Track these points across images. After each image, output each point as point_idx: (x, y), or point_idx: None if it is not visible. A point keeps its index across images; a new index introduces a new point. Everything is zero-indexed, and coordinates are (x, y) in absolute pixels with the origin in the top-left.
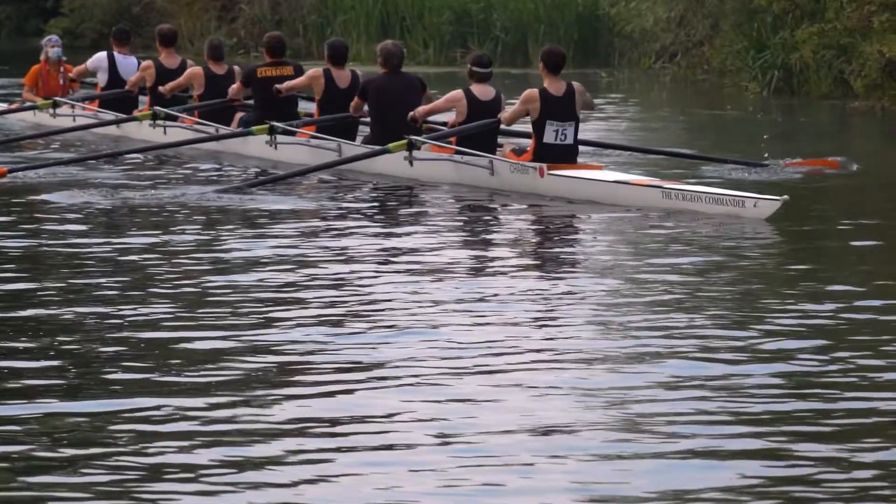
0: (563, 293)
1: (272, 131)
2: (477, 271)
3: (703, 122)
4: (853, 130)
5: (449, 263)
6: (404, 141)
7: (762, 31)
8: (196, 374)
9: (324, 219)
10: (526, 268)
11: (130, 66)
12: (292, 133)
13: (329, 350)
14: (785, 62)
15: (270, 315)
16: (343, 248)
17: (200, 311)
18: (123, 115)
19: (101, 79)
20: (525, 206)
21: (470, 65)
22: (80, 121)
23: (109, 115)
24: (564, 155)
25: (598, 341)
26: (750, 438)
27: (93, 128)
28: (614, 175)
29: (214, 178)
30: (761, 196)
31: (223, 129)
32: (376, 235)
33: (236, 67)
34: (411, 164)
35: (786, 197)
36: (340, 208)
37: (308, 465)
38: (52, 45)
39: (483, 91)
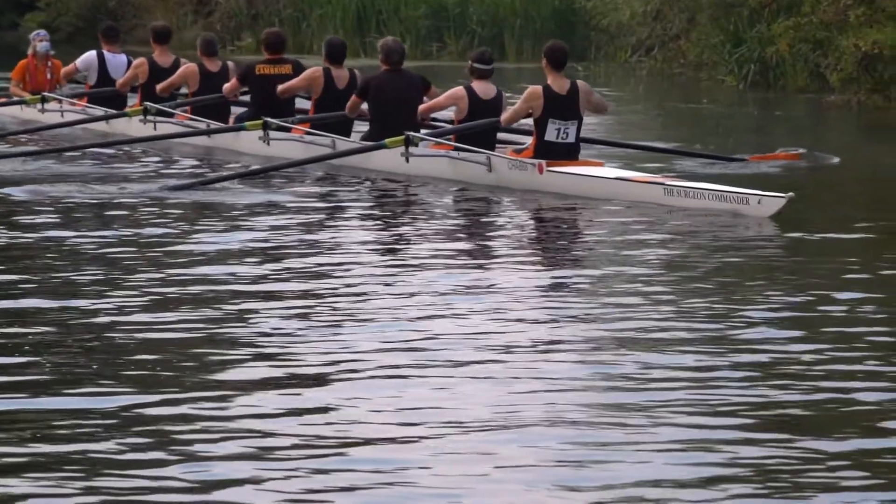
0: (554, 287)
1: (266, 127)
2: (468, 266)
3: (679, 115)
4: (829, 124)
5: (438, 257)
6: (402, 137)
7: (738, 25)
8: (171, 368)
9: (312, 213)
10: (518, 263)
11: (120, 64)
12: (286, 129)
13: (311, 343)
14: (761, 56)
15: (246, 307)
16: (329, 243)
17: (196, 304)
18: (113, 111)
19: (91, 77)
20: (523, 202)
21: (471, 61)
22: (69, 116)
23: (99, 111)
24: (565, 154)
25: (591, 336)
26: (731, 430)
27: (81, 124)
28: (615, 172)
29: (199, 174)
30: (766, 193)
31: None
32: (365, 230)
33: (230, 63)
34: (407, 160)
35: (791, 194)
36: (332, 203)
37: (277, 461)
38: (39, 40)
39: (484, 89)
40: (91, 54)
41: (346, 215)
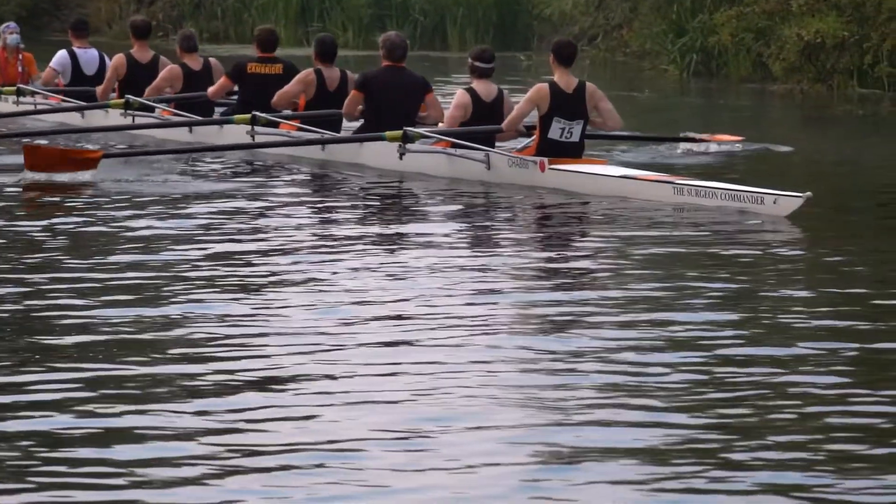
0: (556, 288)
1: (254, 121)
2: (463, 267)
3: (620, 105)
4: (773, 113)
5: (430, 255)
6: (400, 131)
7: (681, 15)
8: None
9: (297, 210)
10: (517, 262)
11: (91, 59)
12: (275, 125)
13: (309, 342)
14: (704, 45)
15: (240, 304)
16: (312, 242)
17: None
18: (93, 103)
19: (65, 76)
20: (523, 200)
21: (471, 59)
22: (45, 109)
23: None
24: (569, 153)
25: (591, 342)
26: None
27: (57, 112)
28: (621, 170)
29: (189, 169)
30: (782, 193)
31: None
32: (353, 226)
33: (212, 60)
34: (401, 157)
35: (809, 193)
36: (320, 200)
37: (227, 458)
38: (10, 32)
39: (486, 89)
40: (63, 54)
41: (334, 212)
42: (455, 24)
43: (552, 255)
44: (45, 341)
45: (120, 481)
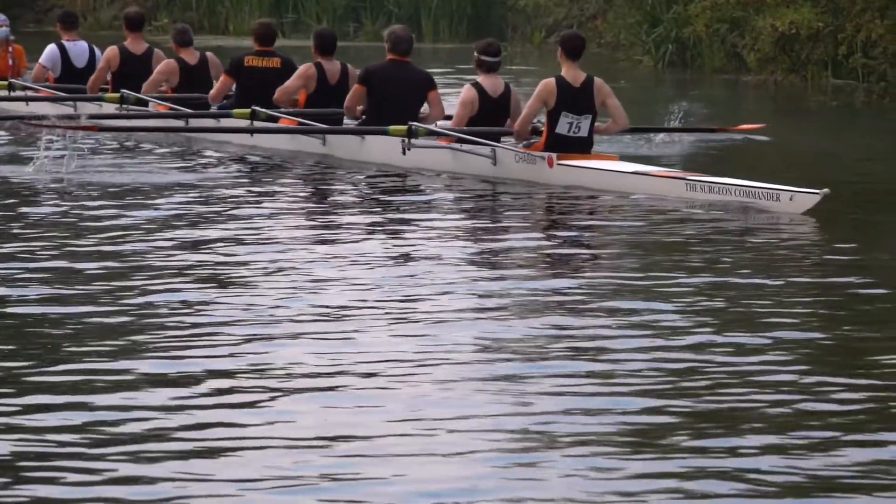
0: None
1: (254, 116)
2: (467, 262)
3: None
4: (747, 104)
5: (434, 251)
6: (405, 126)
7: (655, 6)
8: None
9: (296, 206)
10: (523, 259)
11: (81, 51)
12: (275, 120)
13: (306, 343)
14: (678, 36)
15: (231, 298)
16: (313, 238)
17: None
18: (88, 95)
19: (55, 70)
20: (530, 196)
21: (478, 53)
22: (36, 97)
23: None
24: (577, 148)
25: (595, 341)
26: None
27: (49, 101)
28: (632, 166)
29: (184, 164)
30: (799, 189)
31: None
32: (354, 222)
33: (209, 55)
34: (404, 152)
35: (826, 190)
36: (320, 196)
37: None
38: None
39: (493, 84)
40: (52, 49)
41: (334, 208)
42: (429, 16)
43: (563, 252)
44: (27, 332)
45: (88, 478)
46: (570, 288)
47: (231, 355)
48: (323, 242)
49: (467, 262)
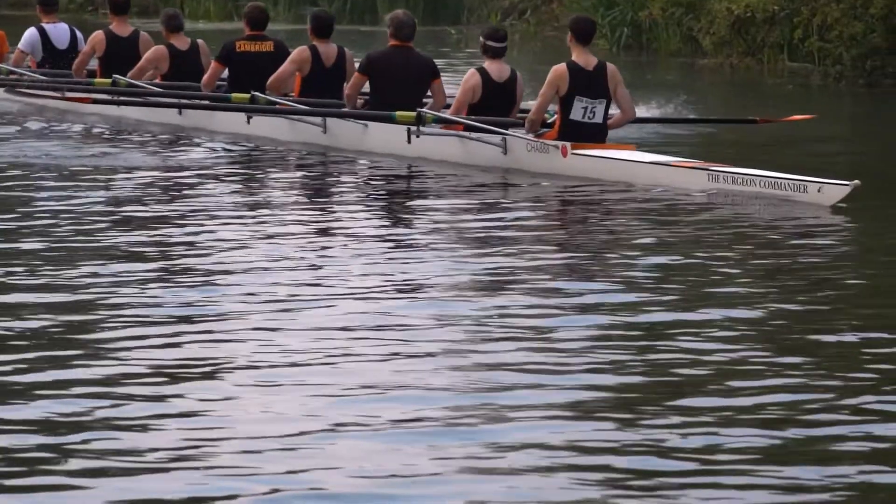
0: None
1: (253, 102)
2: (479, 254)
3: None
4: (703, 88)
5: (440, 244)
6: (413, 113)
7: None
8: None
9: (297, 198)
10: (533, 253)
11: (62, 33)
12: (273, 105)
13: (303, 342)
14: (634, 19)
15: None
16: (312, 231)
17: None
18: (77, 80)
19: (36, 55)
20: (542, 187)
21: (483, 38)
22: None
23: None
24: (592, 136)
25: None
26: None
27: (38, 89)
28: (650, 156)
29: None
30: (827, 181)
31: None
32: (356, 213)
33: (199, 41)
34: (409, 140)
35: (857, 182)
36: (323, 186)
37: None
38: None
39: (498, 69)
40: (32, 33)
41: (336, 199)
42: None
43: (576, 245)
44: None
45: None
46: (579, 289)
47: (227, 342)
48: (325, 233)
49: (477, 255)
